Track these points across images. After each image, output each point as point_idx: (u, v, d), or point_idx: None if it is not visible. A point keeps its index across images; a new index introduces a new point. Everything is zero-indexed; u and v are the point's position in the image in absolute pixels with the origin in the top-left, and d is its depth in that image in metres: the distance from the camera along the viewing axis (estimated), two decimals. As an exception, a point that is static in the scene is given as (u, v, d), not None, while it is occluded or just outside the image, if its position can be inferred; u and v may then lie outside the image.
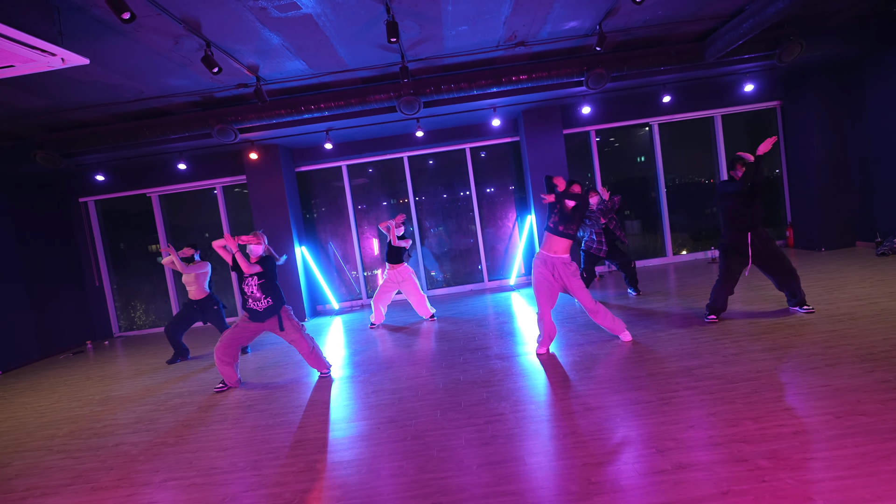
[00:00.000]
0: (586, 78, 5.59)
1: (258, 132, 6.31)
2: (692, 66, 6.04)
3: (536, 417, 2.95)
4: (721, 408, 2.73)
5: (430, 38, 4.64)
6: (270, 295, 4.13)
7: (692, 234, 8.26)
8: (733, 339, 3.83)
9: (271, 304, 4.13)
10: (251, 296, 4.09)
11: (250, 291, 4.09)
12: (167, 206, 8.00)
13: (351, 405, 3.59)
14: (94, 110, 5.33)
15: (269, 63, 4.72)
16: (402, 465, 2.58)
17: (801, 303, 4.25)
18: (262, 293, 4.10)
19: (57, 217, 7.63)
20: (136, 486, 2.77)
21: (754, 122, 8.07)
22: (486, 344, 4.70)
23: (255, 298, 4.09)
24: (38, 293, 7.06)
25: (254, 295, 4.09)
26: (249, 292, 4.10)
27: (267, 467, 2.78)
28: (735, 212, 4.12)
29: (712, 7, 4.86)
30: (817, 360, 3.19)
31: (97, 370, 5.83)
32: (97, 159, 6.54)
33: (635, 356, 3.76)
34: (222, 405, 3.93)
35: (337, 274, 8.14)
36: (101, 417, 4.05)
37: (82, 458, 3.28)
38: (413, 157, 7.94)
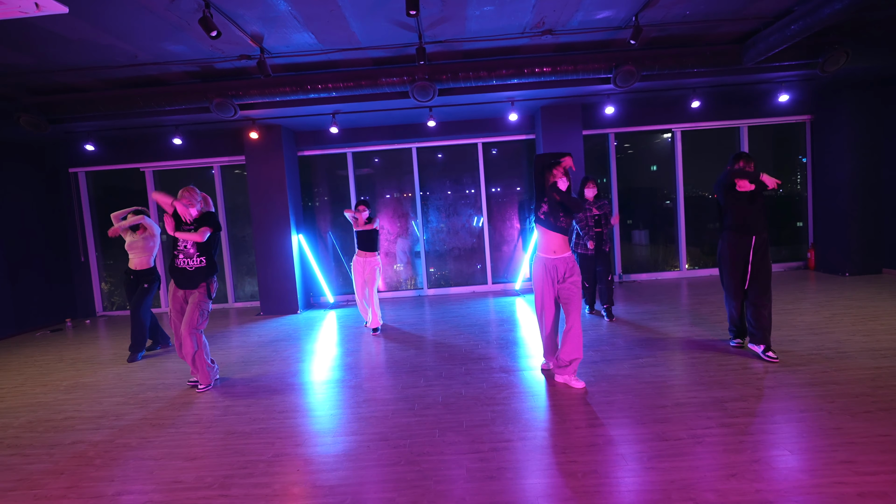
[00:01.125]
0: (614, 75, 5.20)
1: (260, 110, 5.92)
2: (727, 70, 5.66)
3: (550, 447, 2.58)
4: (765, 453, 2.36)
5: (451, 17, 4.25)
6: (206, 255, 3.75)
7: (703, 249, 7.89)
8: (765, 368, 3.46)
9: (204, 265, 3.74)
10: (183, 251, 3.70)
11: (183, 246, 3.71)
12: (162, 183, 7.60)
13: (338, 415, 3.22)
14: (85, 74, 4.94)
15: (275, 33, 4.33)
16: (394, 499, 2.21)
17: (767, 343, 3.62)
18: (196, 250, 3.72)
19: (44, 186, 7.24)
20: (86, 498, 2.40)
21: (781, 136, 7.69)
22: (490, 354, 4.33)
23: (187, 255, 3.70)
24: (18, 264, 6.68)
25: (186, 251, 3.70)
26: (182, 247, 3.71)
27: (237, 486, 2.41)
28: (737, 210, 3.64)
29: (758, 5, 4.47)
30: (868, 403, 2.82)
31: (72, 352, 5.45)
32: (87, 127, 6.14)
33: (657, 381, 3.39)
34: (197, 404, 3.56)
35: (335, 266, 7.77)
36: (63, 408, 3.68)
37: (33, 456, 2.91)
38: (422, 148, 7.55)
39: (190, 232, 3.68)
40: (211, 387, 3.89)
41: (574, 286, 3.38)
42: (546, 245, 3.45)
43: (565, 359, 3.38)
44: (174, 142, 6.51)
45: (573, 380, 3.41)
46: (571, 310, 3.38)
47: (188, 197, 3.73)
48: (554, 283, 3.42)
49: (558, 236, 3.42)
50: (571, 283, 3.38)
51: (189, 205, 3.69)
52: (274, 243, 6.85)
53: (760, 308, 3.61)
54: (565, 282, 3.39)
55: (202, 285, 3.75)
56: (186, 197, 3.72)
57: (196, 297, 3.72)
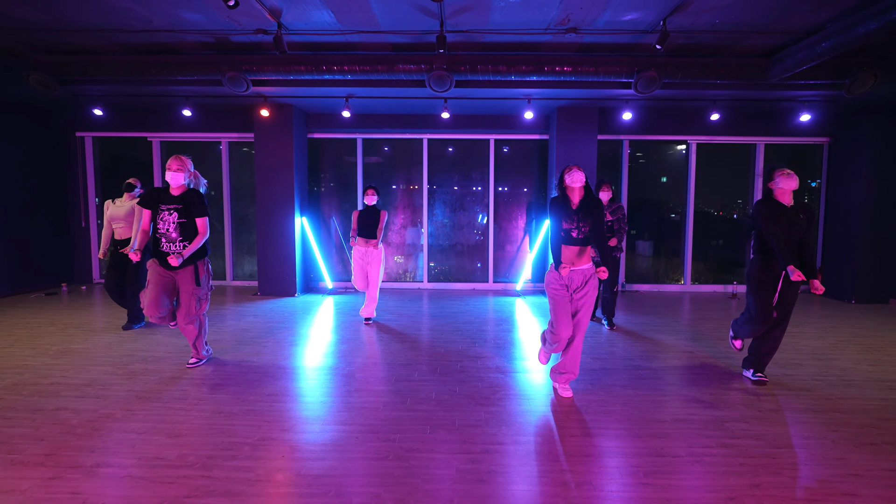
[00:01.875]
0: (636, 80, 5.09)
1: (273, 87, 5.82)
2: (750, 85, 5.54)
3: (543, 454, 2.50)
4: (766, 479, 2.28)
5: (475, 5, 4.14)
6: (189, 239, 3.46)
7: (708, 265, 7.79)
8: (767, 390, 3.38)
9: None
10: (165, 235, 3.41)
11: (165, 229, 3.41)
12: (167, 154, 7.51)
13: (328, 403, 3.15)
14: (97, 36, 4.84)
15: (294, 9, 4.23)
16: (380, 494, 2.14)
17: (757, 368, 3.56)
18: (179, 234, 3.43)
19: (49, 148, 7.16)
20: (63, 467, 2.33)
21: (798, 157, 7.57)
22: (487, 353, 4.25)
23: (169, 239, 3.41)
24: (18, 225, 6.62)
25: (168, 235, 3.41)
26: (164, 230, 3.41)
27: (220, 468, 2.34)
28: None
29: (790, 19, 4.36)
30: (873, 434, 2.74)
31: (64, 316, 5.39)
32: (97, 91, 6.05)
33: (656, 394, 3.31)
34: (186, 380, 3.49)
35: (336, 252, 7.69)
36: (50, 373, 3.62)
37: (15, 419, 2.85)
38: (433, 140, 7.45)
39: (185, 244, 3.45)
40: (202, 363, 3.83)
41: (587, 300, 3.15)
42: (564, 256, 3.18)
43: (560, 369, 3.30)
44: (184, 113, 6.41)
45: (563, 388, 3.30)
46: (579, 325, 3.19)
47: (178, 164, 3.44)
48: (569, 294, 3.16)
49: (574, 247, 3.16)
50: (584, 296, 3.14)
51: (179, 169, 3.43)
52: (277, 224, 6.77)
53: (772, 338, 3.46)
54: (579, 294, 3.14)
55: (189, 270, 3.51)
56: (177, 164, 3.44)
57: (188, 288, 3.51)
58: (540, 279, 7.49)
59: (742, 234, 3.61)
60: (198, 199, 3.50)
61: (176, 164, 3.43)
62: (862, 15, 3.92)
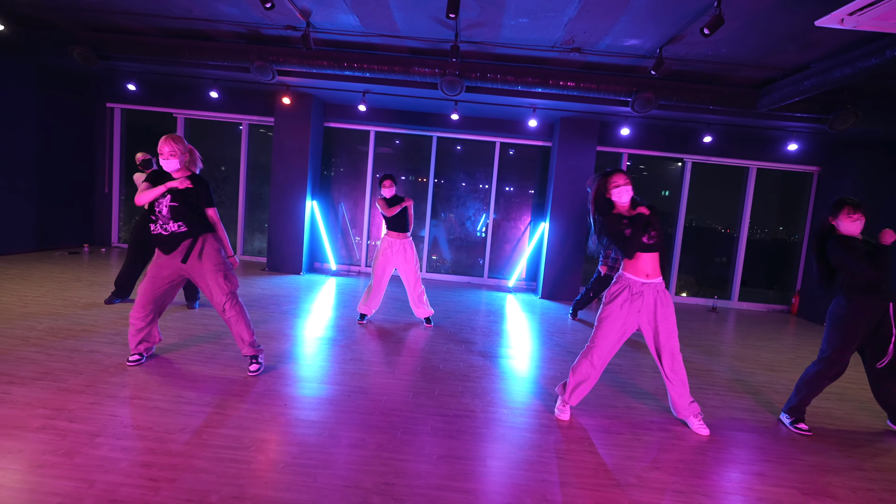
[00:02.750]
0: (633, 100, 5.47)
1: (296, 77, 6.23)
2: (741, 113, 5.90)
3: (506, 423, 2.93)
4: (691, 456, 2.70)
5: (488, 22, 4.53)
6: (184, 220, 3.12)
7: (697, 279, 8.18)
8: (710, 384, 3.79)
9: (185, 230, 3.13)
10: (159, 215, 3.10)
11: (159, 209, 3.10)
12: (191, 130, 7.95)
13: (326, 367, 3.58)
14: (140, 19, 5.25)
15: (323, 11, 4.62)
16: (364, 438, 2.57)
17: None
18: (171, 215, 3.10)
19: (81, 117, 7.60)
20: (101, 396, 2.78)
21: (789, 183, 7.92)
22: (472, 339, 4.68)
23: (163, 220, 3.11)
24: (47, 186, 7.07)
25: (162, 214, 3.10)
26: (158, 210, 3.10)
27: (232, 409, 2.77)
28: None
29: (778, 57, 4.72)
30: (801, 441, 3.14)
31: (88, 274, 5.85)
32: (132, 68, 6.47)
33: (617, 385, 3.72)
34: (200, 338, 3.93)
35: (342, 236, 8.12)
36: (81, 321, 4.07)
37: (56, 356, 3.29)
38: (442, 138, 7.85)
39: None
40: (261, 369, 3.37)
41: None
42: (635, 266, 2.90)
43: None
44: (210, 94, 6.83)
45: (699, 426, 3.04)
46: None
47: (170, 148, 3.05)
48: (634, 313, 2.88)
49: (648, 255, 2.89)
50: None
51: (172, 154, 3.06)
52: (288, 206, 7.19)
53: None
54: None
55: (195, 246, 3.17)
56: (168, 148, 3.05)
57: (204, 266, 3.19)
58: (532, 278, 7.90)
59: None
60: (203, 189, 3.17)
61: (167, 149, 3.05)
62: (838, 60, 4.29)
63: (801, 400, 3.21)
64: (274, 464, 2.27)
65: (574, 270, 7.18)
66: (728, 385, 3.96)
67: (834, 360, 3.10)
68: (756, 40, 4.38)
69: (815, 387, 3.18)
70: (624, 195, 2.87)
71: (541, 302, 6.92)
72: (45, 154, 7.00)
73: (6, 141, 6.41)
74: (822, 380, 3.15)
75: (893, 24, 2.97)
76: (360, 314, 4.85)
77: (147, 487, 2.02)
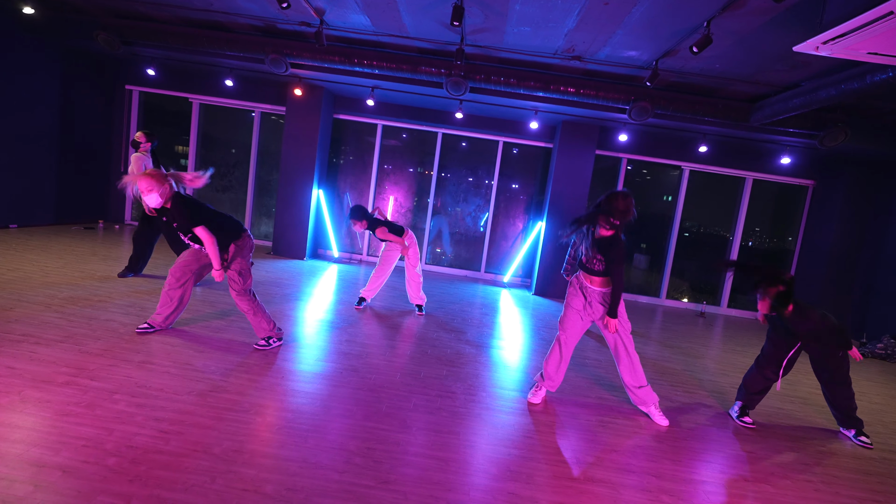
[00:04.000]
0: (630, 108, 5.68)
1: (308, 71, 6.47)
2: (735, 125, 6.09)
3: (484, 404, 3.20)
4: (651, 444, 2.96)
5: (492, 28, 4.75)
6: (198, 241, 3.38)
7: (692, 285, 8.40)
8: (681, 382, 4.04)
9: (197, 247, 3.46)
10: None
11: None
12: (205, 115, 8.22)
13: (322, 346, 3.86)
14: (163, 8, 5.51)
15: (336, 11, 4.86)
16: (352, 409, 2.85)
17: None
18: (188, 239, 3.40)
19: (101, 97, 7.89)
20: (118, 359, 3.07)
21: (784, 195, 8.10)
22: (463, 328, 4.94)
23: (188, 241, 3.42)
24: (66, 162, 7.38)
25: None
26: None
27: (234, 376, 3.06)
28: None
29: (771, 74, 4.91)
30: (753, 437, 3.39)
31: (103, 249, 6.16)
32: (152, 54, 6.75)
33: (591, 378, 3.98)
34: (208, 314, 4.23)
35: (345, 224, 8.39)
36: (98, 292, 4.37)
37: (76, 322, 3.59)
38: (447, 135, 8.08)
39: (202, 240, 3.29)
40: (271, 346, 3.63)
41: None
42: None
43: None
44: (225, 82, 7.09)
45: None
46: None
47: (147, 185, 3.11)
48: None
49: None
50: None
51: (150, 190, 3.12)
52: (296, 193, 7.47)
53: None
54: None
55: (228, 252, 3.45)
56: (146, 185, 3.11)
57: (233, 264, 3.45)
58: (528, 275, 8.16)
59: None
60: (178, 213, 3.19)
61: (145, 186, 3.11)
62: (825, 81, 4.49)
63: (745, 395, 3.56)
64: (270, 425, 2.56)
65: (567, 269, 7.41)
66: (698, 384, 4.21)
67: (761, 366, 3.52)
68: (746, 58, 4.58)
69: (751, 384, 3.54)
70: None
71: (533, 298, 7.18)
72: (66, 132, 7.30)
73: (30, 117, 6.71)
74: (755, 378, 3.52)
75: (864, 53, 3.18)
76: (360, 298, 5.16)
77: (159, 438, 2.31)
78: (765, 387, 3.51)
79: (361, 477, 2.22)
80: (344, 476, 2.21)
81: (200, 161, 8.29)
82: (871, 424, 3.78)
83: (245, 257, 3.50)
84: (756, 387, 3.52)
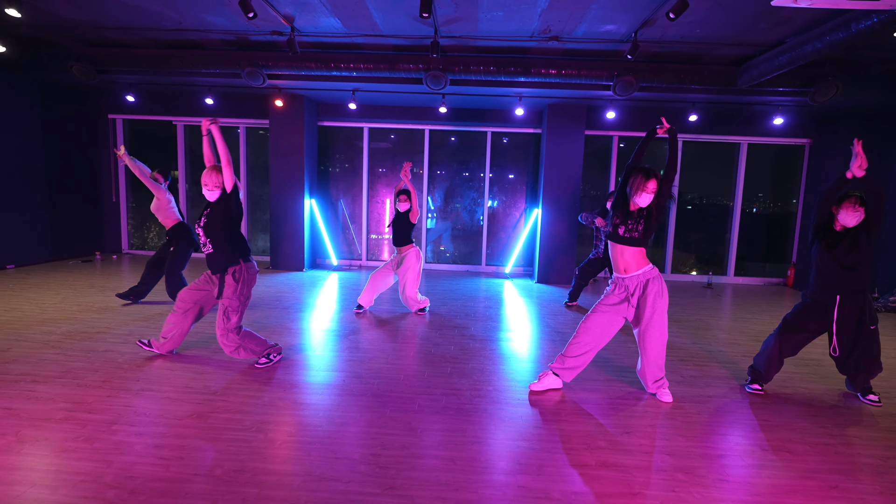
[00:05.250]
0: (614, 83, 5.58)
1: (287, 80, 6.41)
2: (724, 90, 5.96)
3: (491, 399, 3.14)
4: (662, 421, 2.89)
5: (464, 17, 4.66)
6: (212, 239, 3.26)
7: (696, 256, 8.30)
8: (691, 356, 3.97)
9: (212, 252, 3.27)
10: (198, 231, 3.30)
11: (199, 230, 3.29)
12: (191, 136, 8.19)
13: (324, 356, 3.82)
14: (133, 33, 5.46)
15: (305, 16, 4.79)
16: (355, 417, 2.80)
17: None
18: (203, 232, 3.27)
19: (85, 129, 7.87)
20: (117, 389, 3.04)
21: (781, 156, 7.98)
22: (466, 324, 4.88)
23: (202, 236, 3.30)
24: (57, 198, 7.36)
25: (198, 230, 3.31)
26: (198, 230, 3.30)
27: (234, 395, 3.02)
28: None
29: (753, 34, 4.80)
30: (767, 405, 3.32)
31: (101, 281, 6.15)
32: (130, 80, 6.71)
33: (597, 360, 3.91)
34: (207, 334, 4.18)
35: (342, 232, 8.34)
36: (96, 325, 4.34)
37: (73, 356, 3.56)
38: (434, 130, 8.00)
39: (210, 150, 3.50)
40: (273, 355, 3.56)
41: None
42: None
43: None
44: (206, 101, 7.05)
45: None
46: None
47: (213, 181, 3.30)
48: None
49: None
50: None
51: (217, 186, 3.30)
52: (288, 205, 7.43)
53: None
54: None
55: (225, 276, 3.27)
56: (212, 181, 3.31)
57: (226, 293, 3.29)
58: (529, 264, 8.08)
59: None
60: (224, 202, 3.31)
61: (212, 182, 3.30)
62: (810, 35, 4.38)
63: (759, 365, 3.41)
64: (271, 441, 2.51)
65: (567, 253, 7.33)
66: (708, 357, 4.13)
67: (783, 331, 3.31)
68: (727, 20, 4.47)
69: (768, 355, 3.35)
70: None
71: (537, 286, 7.10)
72: (54, 167, 7.28)
73: (16, 156, 6.70)
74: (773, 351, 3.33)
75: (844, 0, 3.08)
76: (358, 304, 5.13)
77: (159, 465, 2.26)
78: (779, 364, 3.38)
79: (367, 485, 2.17)
80: (349, 486, 2.16)
81: (192, 183, 8.26)
82: (889, 380, 3.69)
83: (247, 286, 3.32)
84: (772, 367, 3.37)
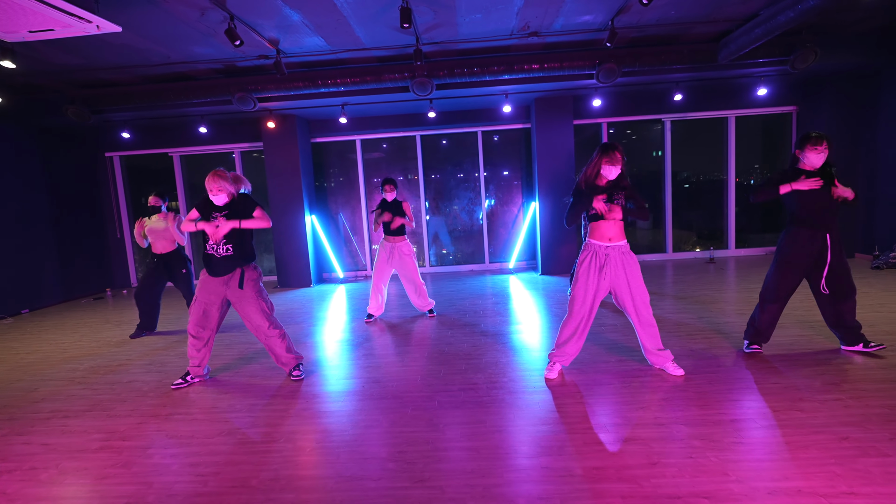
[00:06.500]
0: (597, 72, 5.68)
1: (276, 102, 6.54)
2: (705, 67, 6.06)
3: (507, 389, 3.23)
4: (676, 395, 2.98)
5: (443, 23, 4.78)
6: (233, 243, 3.39)
7: (699, 233, 8.36)
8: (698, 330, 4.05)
9: (231, 253, 3.39)
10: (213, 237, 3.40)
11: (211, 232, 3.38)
12: (187, 166, 8.33)
13: (342, 366, 3.92)
14: (124, 71, 5.60)
15: (290, 38, 4.91)
16: (379, 419, 2.90)
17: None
18: (226, 238, 3.39)
19: (84, 169, 8.02)
20: (146, 416, 3.14)
21: (769, 126, 8.06)
22: (476, 321, 4.98)
23: (215, 241, 3.39)
24: (63, 240, 7.50)
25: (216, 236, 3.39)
26: (210, 232, 3.38)
27: (261, 410, 3.12)
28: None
29: (726, 10, 4.89)
30: (774, 369, 3.40)
31: (115, 316, 6.26)
32: (124, 117, 6.85)
33: (607, 344, 3.99)
34: (225, 356, 4.29)
35: (344, 244, 8.46)
36: (117, 358, 4.45)
37: (100, 390, 3.67)
38: (425, 136, 8.12)
39: (230, 220, 3.35)
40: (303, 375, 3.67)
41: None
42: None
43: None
44: (199, 130, 7.18)
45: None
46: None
47: (216, 184, 3.34)
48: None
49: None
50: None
51: (220, 190, 3.36)
52: (290, 223, 7.54)
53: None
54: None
55: (236, 275, 3.44)
56: (215, 186, 3.34)
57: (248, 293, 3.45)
58: (532, 257, 8.17)
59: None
60: (245, 202, 3.46)
61: (216, 186, 3.35)
62: (781, 5, 4.47)
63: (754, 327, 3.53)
64: (301, 449, 2.61)
65: (568, 243, 7.42)
66: (715, 330, 4.22)
67: (770, 290, 3.41)
68: (698, -2, 4.57)
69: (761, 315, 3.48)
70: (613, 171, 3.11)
71: (541, 278, 7.19)
72: (57, 210, 7.42)
73: (20, 203, 6.84)
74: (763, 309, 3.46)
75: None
76: (368, 314, 5.21)
77: (197, 482, 2.36)
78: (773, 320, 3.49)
79: (397, 480, 2.26)
80: (380, 483, 2.25)
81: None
82: (893, 333, 3.77)
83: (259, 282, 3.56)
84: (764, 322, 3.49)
